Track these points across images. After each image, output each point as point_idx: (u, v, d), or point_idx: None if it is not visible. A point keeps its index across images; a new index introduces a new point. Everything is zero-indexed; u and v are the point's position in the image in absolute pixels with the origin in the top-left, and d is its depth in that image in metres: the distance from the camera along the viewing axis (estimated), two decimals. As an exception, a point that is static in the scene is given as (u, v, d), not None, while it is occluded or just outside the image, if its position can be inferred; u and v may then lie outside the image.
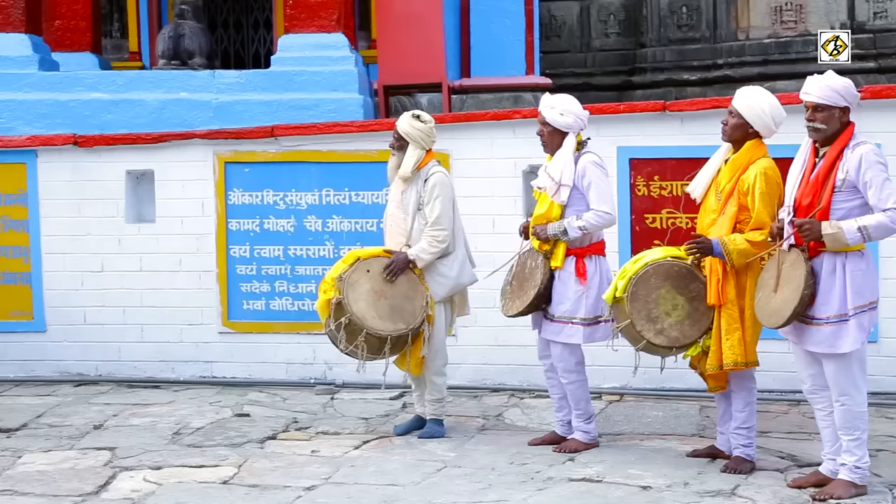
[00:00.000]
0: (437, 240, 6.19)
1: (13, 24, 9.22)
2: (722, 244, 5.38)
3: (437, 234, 6.18)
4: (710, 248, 5.42)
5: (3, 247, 8.01)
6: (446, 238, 6.22)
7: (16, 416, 6.92)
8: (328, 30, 9.04)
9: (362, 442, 6.27)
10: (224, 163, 7.87)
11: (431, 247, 6.19)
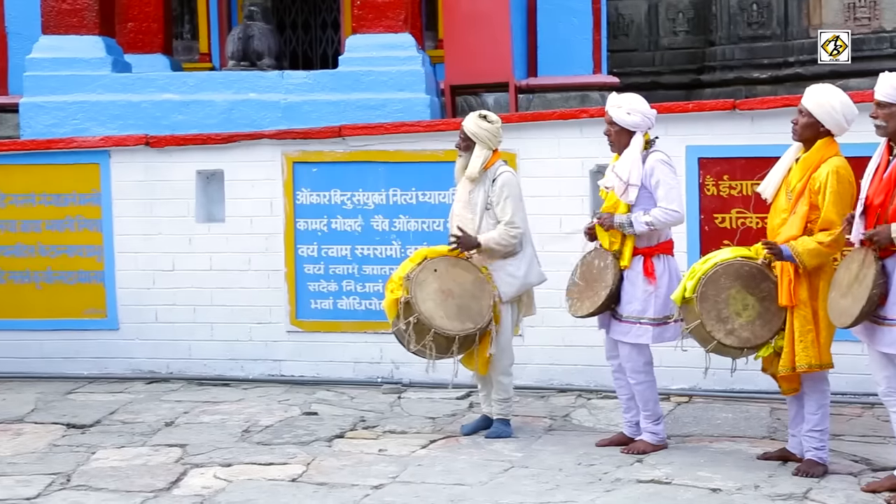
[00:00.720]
0: (510, 235, 6.19)
1: (88, 27, 9.37)
2: (791, 248, 5.31)
3: (510, 231, 6.19)
4: (780, 254, 5.36)
5: (78, 246, 8.14)
6: (519, 236, 6.23)
7: (90, 412, 7.04)
8: (395, 30, 9.07)
9: (429, 441, 6.28)
10: (292, 163, 7.93)
11: (503, 239, 6.19)
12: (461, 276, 6.19)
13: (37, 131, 9.04)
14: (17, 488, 5.45)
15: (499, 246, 6.20)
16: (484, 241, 6.19)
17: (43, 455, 6.09)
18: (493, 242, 6.19)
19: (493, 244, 6.19)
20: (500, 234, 6.19)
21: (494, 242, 6.19)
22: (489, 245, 6.19)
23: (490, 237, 6.19)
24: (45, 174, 8.16)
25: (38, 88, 9.25)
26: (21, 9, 11.28)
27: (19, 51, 10.70)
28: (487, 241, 6.19)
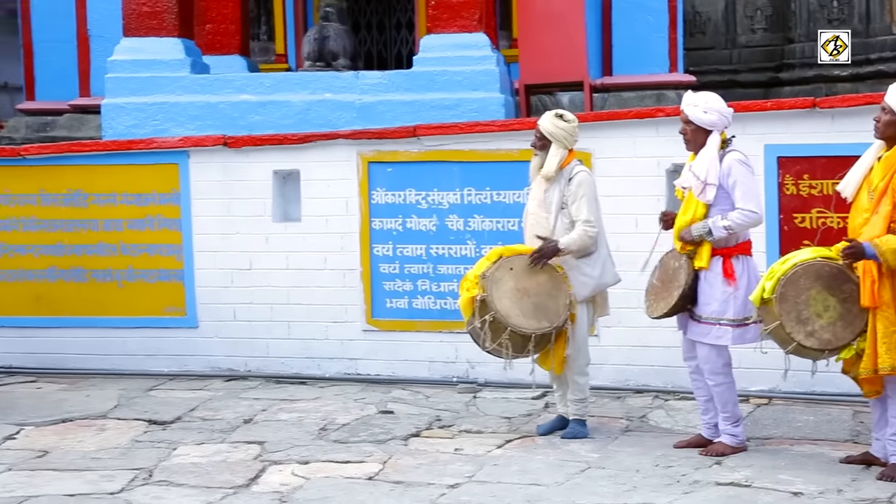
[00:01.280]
0: (588, 234, 6.17)
1: (167, 29, 9.51)
2: (874, 246, 5.22)
3: (588, 230, 6.17)
4: (862, 252, 5.26)
5: (158, 245, 8.27)
6: (596, 235, 6.21)
7: (170, 409, 7.15)
8: (470, 30, 9.06)
9: (505, 441, 6.28)
10: (367, 162, 7.97)
11: (581, 239, 6.17)
12: (537, 275, 6.18)
13: (118, 132, 9.19)
14: (102, 483, 5.55)
15: (577, 247, 6.18)
16: (564, 245, 6.16)
17: (126, 450, 6.20)
18: (573, 245, 6.17)
19: (573, 246, 6.17)
20: (578, 234, 6.17)
21: (574, 244, 6.17)
22: (570, 248, 6.17)
23: (570, 240, 6.16)
24: (126, 174, 8.30)
25: (119, 90, 9.40)
26: (103, 12, 11.47)
27: (101, 53, 10.88)
28: (568, 245, 6.17)
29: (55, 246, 8.37)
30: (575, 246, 6.18)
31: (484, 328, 6.11)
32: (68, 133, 11.23)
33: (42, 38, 12.34)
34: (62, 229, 8.36)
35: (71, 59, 12.02)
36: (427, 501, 5.24)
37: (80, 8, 11.96)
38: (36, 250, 8.38)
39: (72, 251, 8.35)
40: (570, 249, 6.18)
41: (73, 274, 8.35)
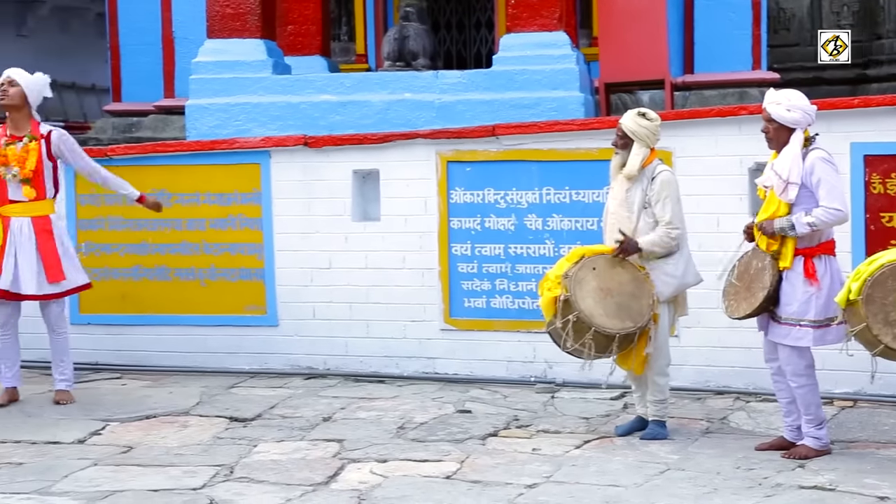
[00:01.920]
0: (669, 236, 6.12)
1: (250, 31, 9.61)
2: None
3: (671, 231, 6.12)
4: None
5: (239, 244, 8.37)
6: (679, 237, 6.16)
7: (251, 406, 7.22)
8: (550, 28, 9.02)
9: (583, 441, 6.24)
10: (446, 162, 7.99)
11: (662, 241, 6.12)
12: (620, 275, 6.14)
13: (201, 132, 9.31)
14: (184, 479, 5.63)
15: (658, 248, 6.14)
16: (645, 244, 6.12)
17: (207, 447, 6.28)
18: (654, 246, 6.13)
19: (654, 247, 6.13)
20: (659, 236, 6.12)
21: (655, 245, 6.12)
22: (650, 249, 6.13)
23: (650, 240, 6.12)
24: (209, 174, 8.42)
25: (202, 91, 9.52)
26: (188, 14, 11.64)
27: (185, 55, 11.05)
28: (649, 245, 6.12)
29: (140, 245, 8.52)
30: (655, 247, 6.14)
31: (567, 328, 6.08)
32: (153, 134, 11.43)
33: (129, 40, 12.56)
34: (147, 228, 8.50)
35: (156, 61, 12.22)
36: (505, 501, 5.22)
37: (166, 11, 12.16)
38: (121, 249, 8.54)
39: (156, 250, 8.49)
40: (650, 250, 6.13)
41: (158, 272, 8.49)
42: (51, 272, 7.15)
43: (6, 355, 7.29)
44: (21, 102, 7.18)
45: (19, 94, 7.16)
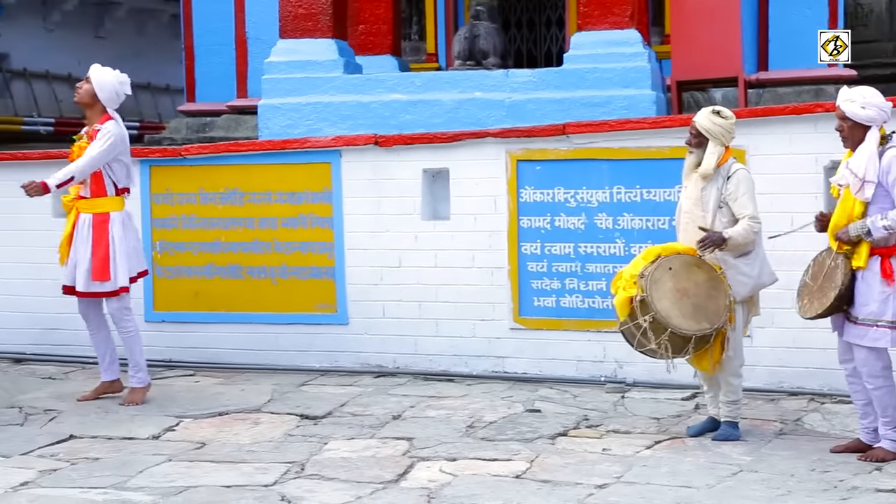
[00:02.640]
0: (752, 230, 6.07)
1: (321, 31, 9.68)
2: None
3: (753, 225, 6.06)
4: None
5: (310, 242, 8.42)
6: (759, 232, 6.08)
7: (321, 404, 7.27)
8: (621, 26, 8.95)
9: (654, 442, 6.20)
10: (516, 161, 7.97)
11: (747, 233, 6.06)
12: (696, 275, 6.08)
13: (273, 132, 9.40)
14: (256, 475, 5.68)
15: (742, 240, 6.06)
16: (729, 235, 6.05)
17: (279, 444, 6.34)
18: (739, 237, 6.05)
19: (740, 238, 6.05)
20: (744, 227, 6.06)
21: (740, 237, 6.05)
22: (735, 240, 6.05)
23: (736, 231, 6.06)
24: (281, 173, 8.48)
25: (274, 91, 9.61)
26: (261, 14, 11.75)
27: (258, 55, 11.15)
28: (734, 235, 6.04)
29: (213, 243, 8.61)
30: (740, 238, 6.06)
31: (642, 329, 6.03)
32: (226, 133, 11.55)
33: (203, 41, 12.71)
34: (219, 227, 8.59)
35: (229, 62, 12.35)
36: (575, 501, 5.20)
37: (239, 12, 12.28)
38: (195, 248, 8.64)
39: (228, 248, 8.58)
40: (735, 241, 6.05)
41: (230, 271, 8.58)
42: (96, 271, 7.15)
43: (96, 348, 7.45)
44: (91, 100, 7.24)
45: (89, 91, 7.23)
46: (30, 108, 19.07)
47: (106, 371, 7.46)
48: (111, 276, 7.17)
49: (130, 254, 7.28)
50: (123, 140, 7.25)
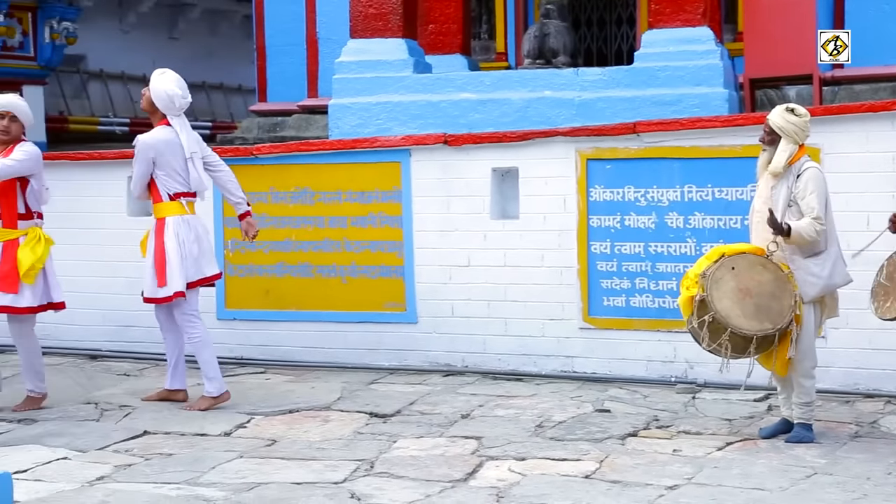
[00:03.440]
0: (816, 229, 5.95)
1: (392, 30, 9.72)
2: None
3: (816, 225, 5.95)
4: None
5: (379, 241, 8.46)
6: (823, 233, 5.99)
7: (390, 402, 7.30)
8: (693, 24, 8.87)
9: (725, 443, 6.13)
10: (586, 160, 7.93)
11: (809, 231, 5.95)
12: (760, 275, 6.00)
13: (343, 131, 9.46)
14: (326, 472, 5.72)
15: (805, 236, 5.95)
16: (794, 226, 5.95)
17: (348, 441, 6.37)
18: (802, 231, 5.94)
19: (802, 231, 5.94)
20: (808, 223, 5.96)
21: (803, 231, 5.94)
22: (798, 233, 5.94)
23: (799, 225, 5.96)
24: (351, 172, 8.53)
25: (345, 90, 9.67)
26: (332, 15, 11.84)
27: (329, 55, 11.24)
28: (797, 229, 5.94)
29: (283, 242, 8.68)
30: (804, 232, 5.95)
31: (703, 328, 5.98)
32: (296, 133, 11.65)
33: (274, 42, 12.84)
34: (290, 226, 8.66)
35: (300, 62, 12.47)
36: (645, 502, 5.16)
37: (310, 12, 12.39)
38: (266, 246, 8.71)
39: (299, 247, 8.65)
40: (798, 234, 5.94)
41: (300, 269, 8.65)
42: (152, 277, 7.10)
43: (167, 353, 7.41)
44: (151, 107, 7.25)
45: (148, 99, 7.24)
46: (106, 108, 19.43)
47: (170, 378, 7.39)
48: (166, 282, 7.04)
49: (187, 259, 7.09)
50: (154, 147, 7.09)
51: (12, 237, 7.03)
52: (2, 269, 6.99)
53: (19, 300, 7.04)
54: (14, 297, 7.01)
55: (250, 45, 14.26)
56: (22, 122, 7.14)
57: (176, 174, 7.16)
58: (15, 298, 7.02)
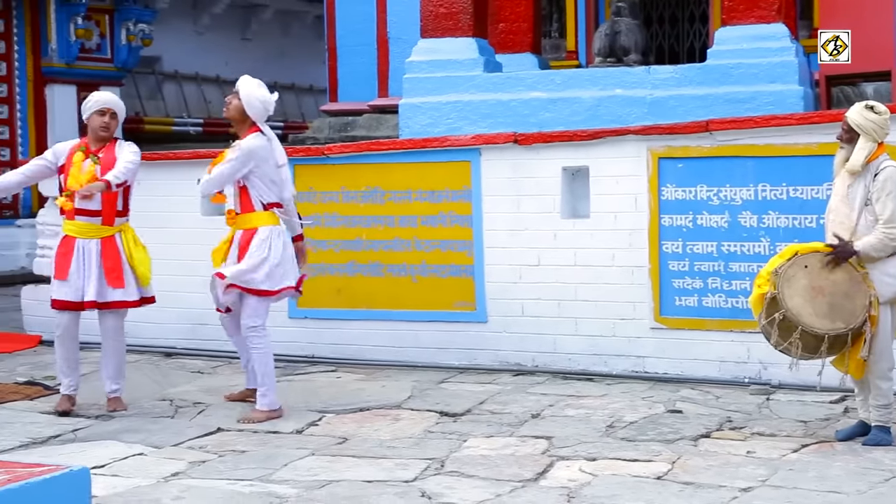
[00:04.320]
0: (888, 237, 5.84)
1: (462, 30, 9.73)
2: None
3: (889, 233, 5.84)
4: None
5: (449, 241, 8.47)
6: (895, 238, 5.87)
7: (460, 401, 7.30)
8: (768, 20, 8.75)
9: (801, 445, 6.04)
10: (657, 158, 7.87)
11: (881, 244, 5.85)
12: (834, 274, 5.91)
13: (414, 131, 9.48)
14: (397, 471, 5.74)
15: (876, 252, 5.87)
16: (861, 248, 5.86)
17: (419, 440, 6.38)
18: (871, 249, 5.86)
19: (871, 251, 5.86)
20: (878, 238, 5.85)
21: (872, 249, 5.86)
22: (867, 252, 5.86)
23: (867, 243, 5.86)
24: (421, 172, 8.55)
25: (415, 90, 9.69)
26: (402, 15, 11.90)
27: (399, 55, 11.28)
28: (865, 249, 5.86)
29: (354, 241, 8.73)
30: (873, 251, 5.86)
31: (773, 327, 5.91)
32: (367, 132, 11.71)
33: (345, 42, 12.93)
34: (360, 225, 8.71)
35: (371, 62, 12.54)
36: (717, 504, 5.12)
37: (381, 12, 12.46)
38: (337, 245, 8.77)
39: (370, 246, 8.69)
40: (867, 253, 5.86)
41: (371, 268, 8.69)
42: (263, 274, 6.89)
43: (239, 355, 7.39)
44: (240, 116, 7.00)
45: (238, 108, 6.99)
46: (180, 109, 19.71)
47: (249, 379, 7.33)
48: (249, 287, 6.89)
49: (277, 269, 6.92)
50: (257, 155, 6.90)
51: (109, 234, 7.12)
52: (107, 264, 7.05)
53: (129, 294, 7.14)
54: (123, 292, 7.11)
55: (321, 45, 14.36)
56: (119, 119, 7.26)
57: (271, 183, 6.98)
58: (125, 293, 7.12)
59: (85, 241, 7.03)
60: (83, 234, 7.04)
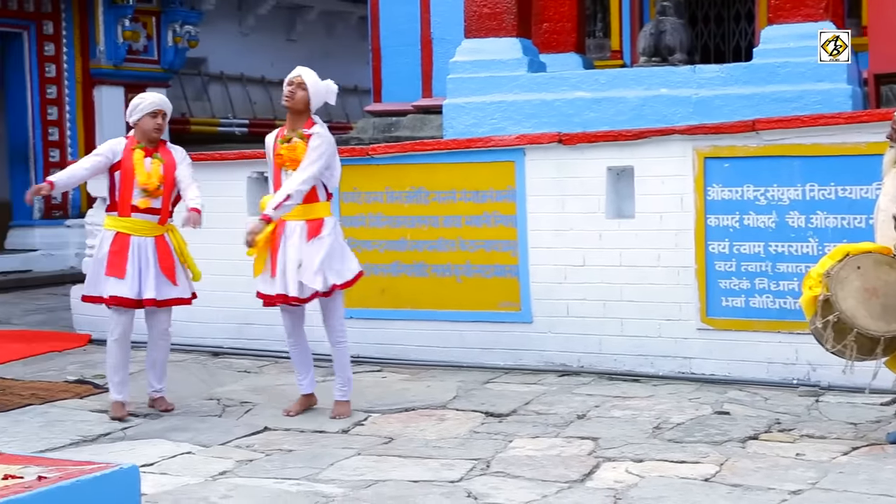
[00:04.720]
0: None
1: (506, 30, 9.72)
2: None
3: None
4: None
5: (494, 241, 8.46)
6: None
7: (506, 402, 7.30)
8: (815, 18, 8.66)
9: (851, 448, 5.98)
10: (703, 158, 7.81)
11: None
12: (887, 275, 5.85)
13: (458, 131, 9.48)
14: (442, 471, 5.74)
15: None
16: None
17: (464, 440, 6.39)
18: None
19: None
20: None
21: None
22: None
23: None
24: (465, 172, 8.55)
25: (459, 90, 9.69)
26: (446, 15, 11.91)
27: (443, 55, 11.30)
28: None
29: (398, 241, 8.75)
30: None
31: (827, 329, 5.85)
32: (411, 133, 11.73)
33: (389, 42, 12.97)
34: (405, 225, 8.73)
35: (415, 62, 12.57)
36: (766, 507, 5.08)
37: (425, 13, 12.48)
38: (381, 245, 8.80)
39: (414, 246, 8.71)
40: None
41: (416, 268, 8.71)
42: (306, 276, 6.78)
43: (297, 362, 7.13)
44: (304, 107, 6.97)
45: (303, 99, 6.94)
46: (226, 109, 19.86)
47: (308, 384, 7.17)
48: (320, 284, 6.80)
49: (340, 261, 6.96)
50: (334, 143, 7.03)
51: (161, 232, 7.16)
52: (164, 262, 7.10)
53: (184, 291, 7.21)
54: (180, 289, 7.17)
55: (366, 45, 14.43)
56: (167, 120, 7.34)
57: (337, 171, 7.04)
58: (181, 290, 7.18)
59: (141, 239, 7.05)
60: (139, 232, 7.05)
